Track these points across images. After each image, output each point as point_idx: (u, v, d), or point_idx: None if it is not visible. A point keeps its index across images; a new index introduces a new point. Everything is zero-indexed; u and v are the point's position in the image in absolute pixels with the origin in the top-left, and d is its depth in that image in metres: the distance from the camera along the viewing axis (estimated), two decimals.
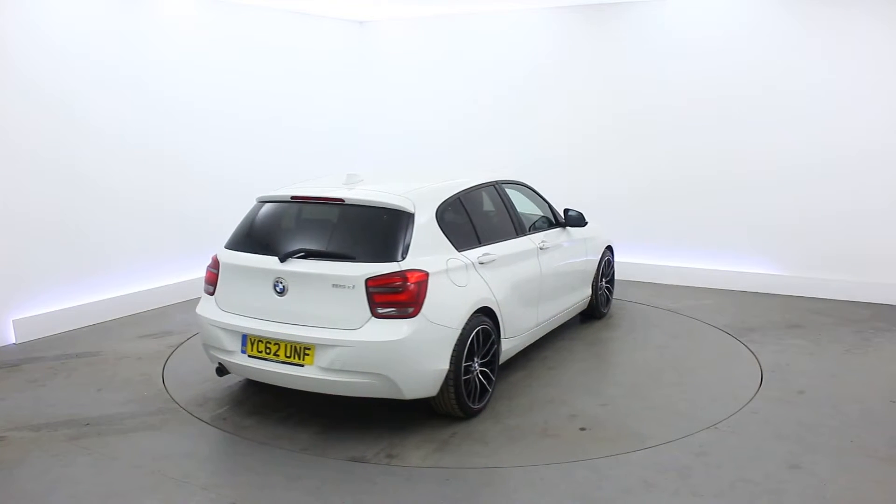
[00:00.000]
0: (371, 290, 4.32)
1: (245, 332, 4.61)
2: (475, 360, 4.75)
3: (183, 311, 7.32)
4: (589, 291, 6.74)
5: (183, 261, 7.66)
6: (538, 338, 5.93)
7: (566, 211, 6.41)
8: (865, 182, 7.41)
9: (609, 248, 7.15)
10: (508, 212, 5.69)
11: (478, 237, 5.12)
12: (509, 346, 5.26)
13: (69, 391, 5.32)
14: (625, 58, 8.46)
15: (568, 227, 6.36)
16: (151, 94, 7.37)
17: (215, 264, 4.90)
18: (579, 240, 6.49)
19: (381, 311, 4.32)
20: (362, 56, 9.97)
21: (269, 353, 4.54)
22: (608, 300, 7.22)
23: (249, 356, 4.61)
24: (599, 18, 8.53)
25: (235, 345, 4.67)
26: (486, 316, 4.84)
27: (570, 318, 6.67)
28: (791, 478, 4.00)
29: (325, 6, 8.76)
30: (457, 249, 4.82)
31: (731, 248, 8.16)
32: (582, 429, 4.65)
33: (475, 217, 5.24)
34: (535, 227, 6.02)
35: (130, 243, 7.26)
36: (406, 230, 4.54)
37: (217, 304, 4.83)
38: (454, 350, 4.52)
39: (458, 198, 5.13)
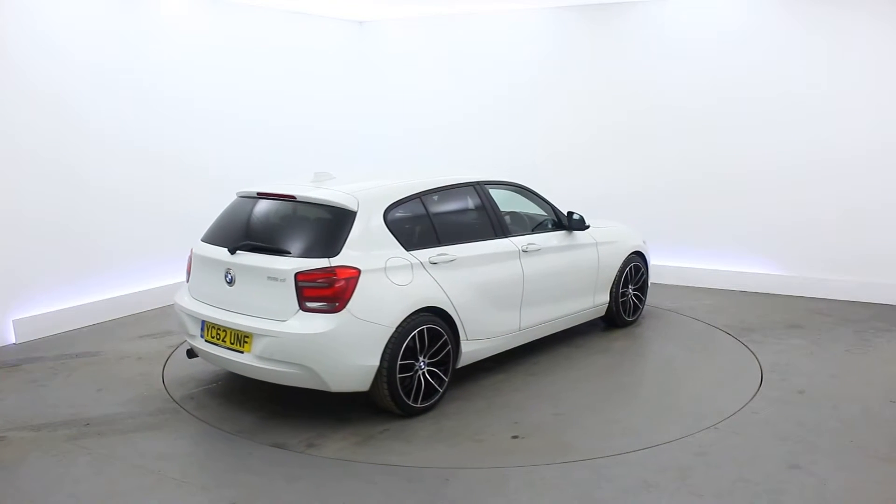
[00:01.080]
0: (300, 284, 4.48)
1: (203, 318, 4.94)
2: (420, 359, 4.79)
3: None
4: (605, 298, 6.49)
5: (183, 261, 7.60)
6: (525, 342, 5.77)
7: (569, 214, 6.20)
8: (866, 182, 7.41)
9: (638, 254, 6.80)
10: (488, 213, 5.57)
11: (437, 237, 5.11)
12: (475, 348, 5.23)
13: (69, 391, 5.32)
14: (625, 58, 8.47)
15: (574, 231, 6.18)
16: (151, 94, 7.37)
17: (190, 255, 5.29)
18: (588, 244, 6.26)
19: (309, 304, 4.47)
20: (362, 56, 9.97)
21: (219, 339, 4.84)
22: (636, 308, 6.86)
23: (206, 341, 4.94)
24: (599, 18, 8.53)
25: (197, 330, 5.02)
26: (437, 316, 4.88)
27: (591, 324, 6.58)
28: (791, 478, 4.00)
29: (325, 6, 8.76)
30: (405, 248, 4.86)
31: (731, 248, 8.16)
32: (514, 437, 4.55)
33: (438, 217, 5.27)
34: (535, 230, 5.97)
35: (130, 243, 7.26)
36: (345, 228, 4.67)
37: (188, 291, 5.23)
38: (387, 347, 4.59)
39: (419, 198, 5.16)
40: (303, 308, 4.48)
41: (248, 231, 5.01)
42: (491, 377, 5.54)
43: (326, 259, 4.53)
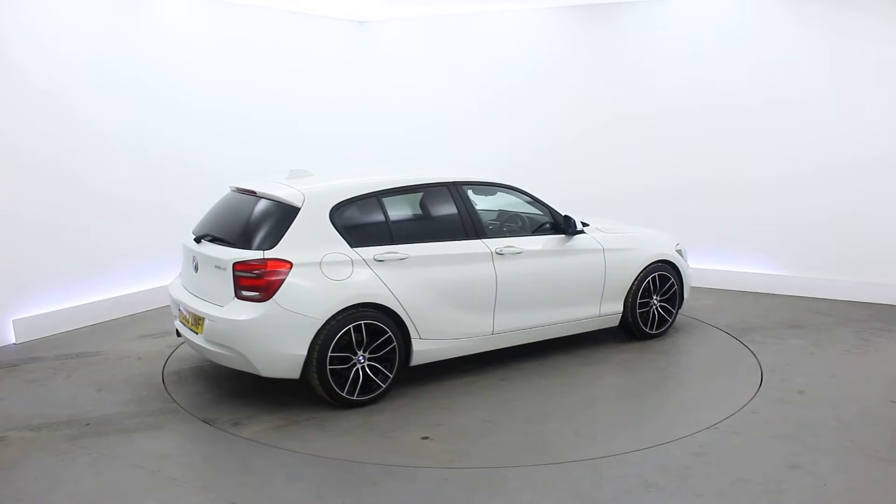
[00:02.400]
0: (237, 273, 4.79)
1: (178, 302, 5.35)
2: (360, 353, 4.91)
3: None
4: (617, 308, 6.15)
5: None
6: (503, 346, 5.66)
7: (566, 217, 5.98)
8: (866, 182, 7.40)
9: (667, 263, 6.36)
10: (460, 213, 5.50)
11: (391, 236, 5.17)
12: (432, 347, 5.25)
13: (69, 391, 5.32)
14: (625, 58, 8.47)
15: (575, 236, 5.94)
16: (151, 95, 7.37)
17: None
18: (591, 250, 5.98)
19: (243, 293, 4.78)
20: (362, 56, 9.97)
21: (186, 321, 5.26)
22: (663, 321, 6.41)
23: (180, 322, 5.38)
24: (599, 18, 8.53)
25: (176, 311, 5.45)
26: (383, 313, 4.98)
27: (606, 332, 6.32)
28: (791, 478, 4.00)
29: (325, 6, 8.76)
30: (350, 245, 4.99)
31: (732, 248, 8.16)
32: (425, 437, 4.56)
33: (396, 216, 5.35)
34: (535, 232, 5.87)
35: (130, 243, 7.26)
36: (285, 222, 4.89)
37: (179, 278, 5.71)
38: (316, 339, 4.77)
39: (375, 196, 5.23)
40: (237, 296, 4.79)
41: (214, 222, 5.35)
42: (458, 378, 5.50)
43: (262, 251, 4.79)
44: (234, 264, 4.78)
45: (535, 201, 5.99)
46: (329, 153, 9.51)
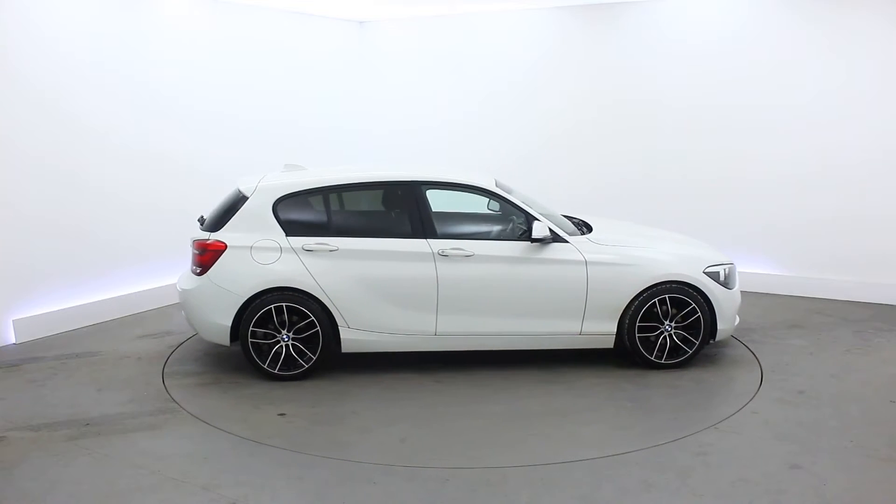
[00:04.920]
0: (193, 250, 5.58)
1: None
2: (284, 332, 5.39)
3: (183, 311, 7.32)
4: (609, 328, 5.56)
5: (183, 261, 7.63)
6: (451, 350, 5.60)
7: (533, 224, 5.51)
8: (866, 182, 7.40)
9: (686, 285, 5.52)
10: (410, 212, 5.54)
11: (329, 228, 5.57)
12: (362, 338, 5.48)
13: (69, 391, 5.32)
14: (624, 58, 8.46)
15: (553, 244, 5.51)
16: (151, 95, 7.36)
17: None
18: (569, 261, 5.49)
19: (194, 268, 5.58)
20: (362, 56, 9.97)
21: None
22: (677, 350, 5.61)
23: None
24: (599, 18, 8.53)
25: None
26: (310, 299, 5.37)
27: (602, 354, 5.83)
28: (791, 478, 4.00)
29: (325, 6, 8.76)
30: (286, 234, 5.45)
31: (732, 249, 8.13)
32: (281, 414, 4.93)
33: (339, 210, 5.76)
34: (521, 236, 5.54)
35: (130, 243, 7.26)
36: (234, 210, 5.54)
37: None
38: (239, 313, 5.39)
39: (321, 191, 5.63)
40: (192, 270, 5.61)
41: (212, 210, 5.90)
42: (396, 373, 5.63)
43: (209, 233, 5.52)
44: (193, 242, 5.59)
45: (510, 204, 5.62)
46: (329, 153, 9.51)
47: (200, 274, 5.47)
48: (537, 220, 5.53)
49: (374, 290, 5.41)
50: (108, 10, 6.93)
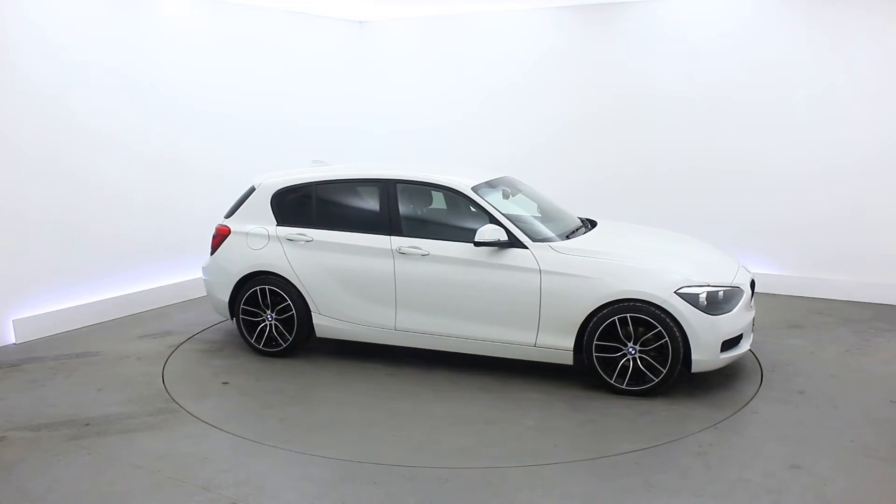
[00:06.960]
0: (214, 233, 6.28)
1: None
2: (268, 312, 5.94)
3: (183, 311, 7.32)
4: (564, 343, 5.18)
5: (183, 261, 7.65)
6: (412, 346, 5.65)
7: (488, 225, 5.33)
8: (866, 182, 7.40)
9: (652, 305, 4.93)
10: (382, 209, 5.73)
11: (313, 221, 5.94)
12: (332, 325, 5.84)
13: (69, 391, 5.32)
14: (624, 58, 8.46)
15: (512, 248, 5.28)
16: (151, 95, 7.36)
17: None
18: (522, 268, 5.22)
19: (211, 249, 6.27)
20: (362, 56, 9.97)
21: None
22: (641, 376, 5.05)
23: None
24: (599, 18, 8.53)
25: None
26: (288, 284, 5.85)
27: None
28: (791, 478, 4.00)
29: (325, 6, 8.76)
30: (277, 224, 6.00)
31: (732, 248, 8.13)
32: (225, 383, 5.46)
33: (323, 204, 6.04)
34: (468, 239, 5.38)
35: (130, 243, 7.26)
36: (244, 200, 6.21)
37: None
38: (233, 291, 6.04)
39: (311, 186, 6.03)
40: (210, 251, 6.29)
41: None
42: (360, 362, 5.89)
43: (224, 219, 6.27)
44: (217, 227, 6.28)
45: (475, 206, 5.47)
46: (329, 152, 9.50)
47: (212, 254, 6.23)
48: (497, 222, 5.31)
49: (341, 281, 5.76)
50: (109, 10, 6.93)
